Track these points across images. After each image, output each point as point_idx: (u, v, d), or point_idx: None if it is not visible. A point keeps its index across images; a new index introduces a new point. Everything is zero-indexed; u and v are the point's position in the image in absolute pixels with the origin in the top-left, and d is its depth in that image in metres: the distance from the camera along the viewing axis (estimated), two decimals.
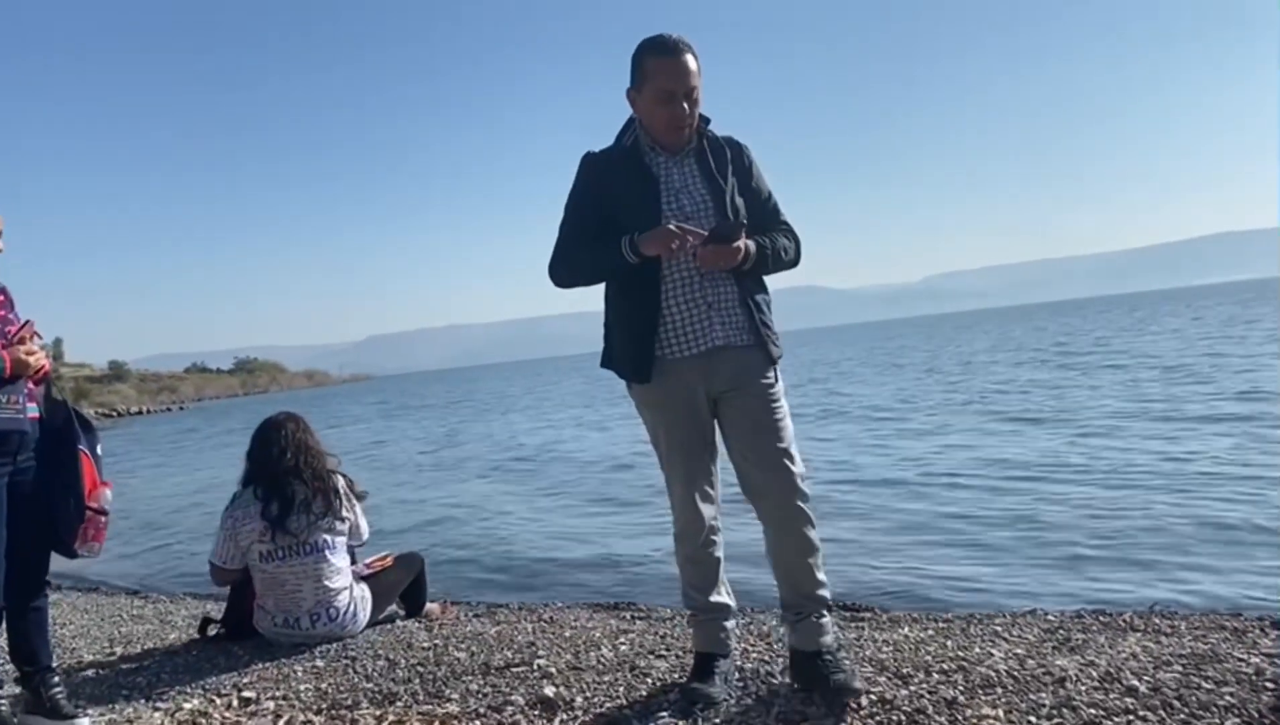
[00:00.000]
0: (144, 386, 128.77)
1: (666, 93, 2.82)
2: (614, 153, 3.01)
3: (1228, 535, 5.85)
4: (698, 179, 2.96)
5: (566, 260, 3.00)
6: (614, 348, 3.04)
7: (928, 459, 10.45)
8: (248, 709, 3.46)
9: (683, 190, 2.94)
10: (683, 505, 2.98)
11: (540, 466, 14.03)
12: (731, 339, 2.91)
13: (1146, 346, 26.61)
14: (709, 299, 2.90)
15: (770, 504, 2.93)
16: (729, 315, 2.92)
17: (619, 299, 3.00)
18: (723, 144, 3.02)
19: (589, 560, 7.16)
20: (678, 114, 2.85)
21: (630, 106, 2.97)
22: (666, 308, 2.90)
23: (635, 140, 2.99)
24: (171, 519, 12.29)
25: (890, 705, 2.83)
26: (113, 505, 3.49)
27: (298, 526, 4.17)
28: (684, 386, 2.91)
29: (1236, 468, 7.94)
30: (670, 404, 2.94)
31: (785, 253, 3.01)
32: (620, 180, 2.94)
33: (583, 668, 3.56)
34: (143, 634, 4.97)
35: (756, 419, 2.92)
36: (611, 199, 2.93)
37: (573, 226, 3.00)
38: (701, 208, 2.92)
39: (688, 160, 2.98)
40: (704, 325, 2.89)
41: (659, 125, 2.90)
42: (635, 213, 2.88)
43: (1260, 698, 2.66)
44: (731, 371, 2.91)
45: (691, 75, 2.83)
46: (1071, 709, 2.69)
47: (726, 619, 3.10)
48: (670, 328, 2.90)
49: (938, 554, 6.13)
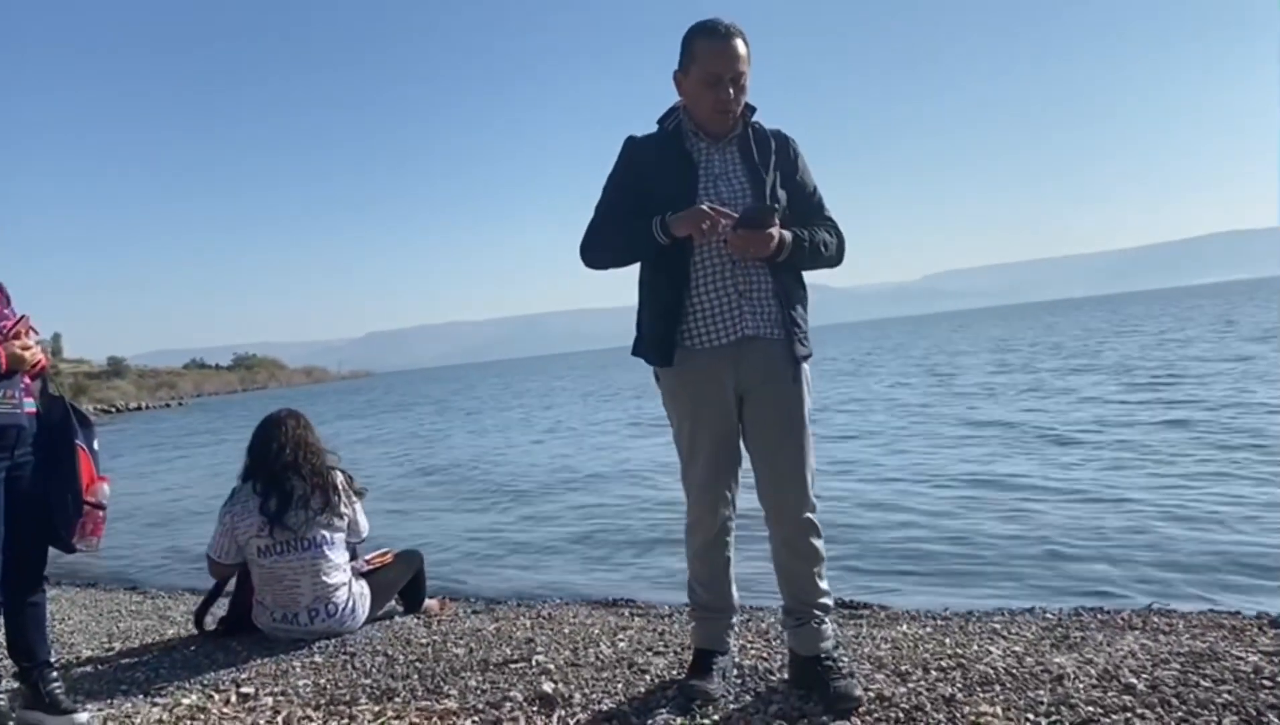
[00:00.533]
0: (143, 383, 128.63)
1: (713, 77, 2.76)
2: (656, 137, 2.96)
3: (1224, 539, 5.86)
4: (738, 167, 2.90)
5: (598, 239, 2.95)
6: (643, 334, 2.99)
7: (921, 458, 10.45)
8: (246, 704, 3.47)
9: (721, 177, 2.88)
10: (698, 500, 2.96)
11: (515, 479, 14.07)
12: (762, 330, 2.85)
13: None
14: (740, 287, 2.84)
15: (780, 510, 2.91)
16: (760, 306, 2.85)
17: (649, 284, 2.94)
18: (768, 135, 2.95)
19: (588, 556, 7.16)
20: (723, 99, 2.79)
21: (676, 90, 2.91)
22: (695, 294, 2.85)
23: (678, 125, 2.93)
24: (170, 514, 12.28)
25: (889, 702, 2.83)
26: (111, 500, 3.49)
27: (296, 522, 4.18)
28: (711, 378, 2.85)
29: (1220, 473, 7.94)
30: (696, 395, 2.89)
31: (825, 248, 2.93)
32: (659, 164, 2.89)
33: (581, 664, 3.57)
34: (141, 629, 4.97)
35: (778, 421, 2.88)
36: (649, 183, 2.87)
37: (608, 207, 2.95)
38: (739, 195, 2.85)
39: (730, 148, 2.92)
40: (734, 314, 2.83)
41: (704, 110, 2.84)
42: (672, 197, 2.81)
43: (1258, 695, 2.66)
44: (760, 366, 2.85)
45: (740, 60, 2.77)
46: (1069, 706, 2.69)
47: (728, 617, 3.09)
48: (699, 315, 2.85)
49: (935, 552, 6.13)
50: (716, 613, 3.06)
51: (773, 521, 2.95)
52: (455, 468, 14.70)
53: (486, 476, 13.13)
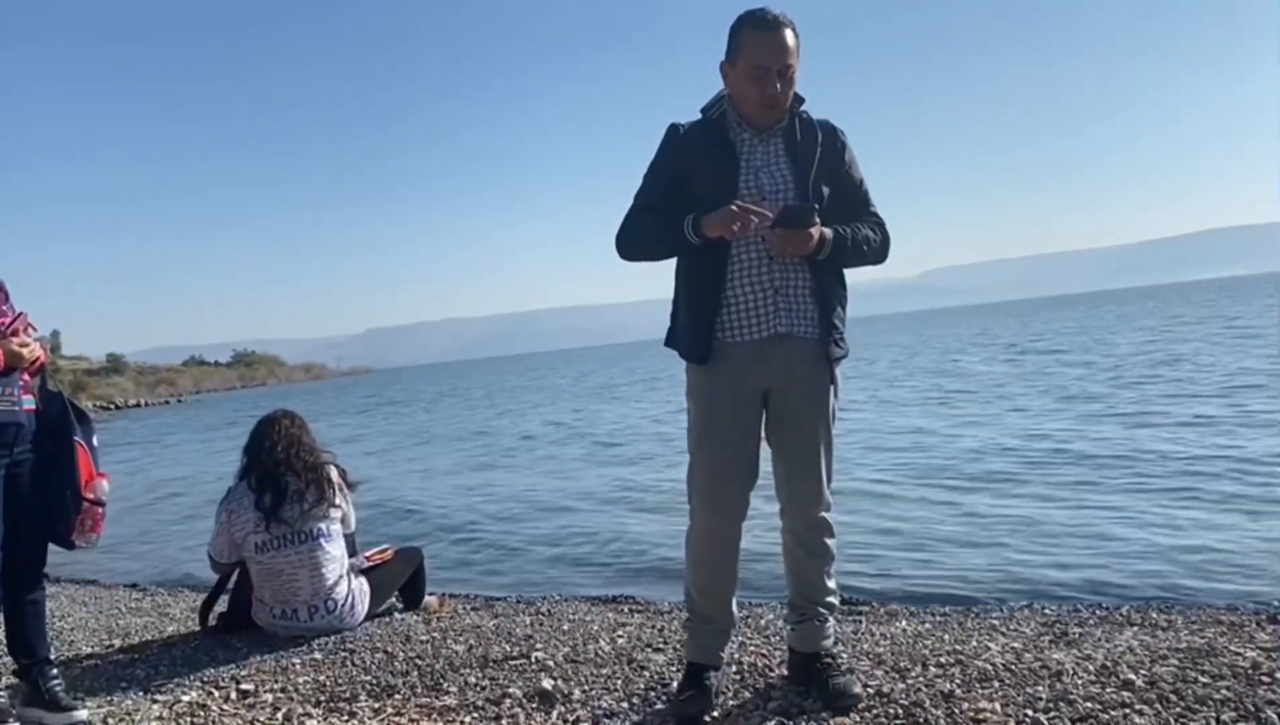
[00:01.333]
0: (141, 379, 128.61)
1: (760, 69, 2.68)
2: (699, 126, 2.88)
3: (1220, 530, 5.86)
4: (782, 158, 2.82)
5: (632, 231, 2.88)
6: (677, 326, 2.92)
7: (915, 451, 10.46)
8: (246, 701, 3.47)
9: (763, 168, 2.80)
10: (701, 499, 2.85)
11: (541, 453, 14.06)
12: (796, 328, 2.77)
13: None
14: (776, 284, 2.76)
15: (796, 505, 2.87)
16: (797, 303, 2.78)
17: (686, 278, 2.87)
18: (815, 126, 2.85)
19: (586, 552, 7.17)
20: (770, 92, 2.70)
21: (722, 80, 2.83)
22: (731, 289, 2.78)
23: (722, 114, 2.85)
24: (169, 511, 12.30)
25: (888, 699, 2.84)
26: (110, 497, 3.49)
27: (291, 516, 4.20)
28: (738, 375, 2.78)
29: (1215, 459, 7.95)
30: (719, 391, 2.80)
31: (868, 245, 2.85)
32: (701, 154, 2.81)
33: (580, 660, 3.57)
34: (141, 626, 4.97)
35: (802, 417, 2.82)
36: (690, 172, 2.80)
37: (645, 198, 2.88)
38: (781, 187, 2.78)
39: (774, 139, 2.83)
40: (768, 310, 2.76)
41: (750, 102, 2.75)
42: (711, 188, 2.75)
43: (1256, 691, 2.67)
44: (790, 363, 2.78)
45: (788, 52, 2.68)
46: (1068, 702, 2.69)
47: (726, 630, 2.97)
48: (733, 310, 2.78)
49: (936, 548, 6.13)
50: (713, 624, 2.92)
51: (788, 516, 2.91)
52: (459, 464, 14.71)
53: (490, 473, 13.13)
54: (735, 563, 2.90)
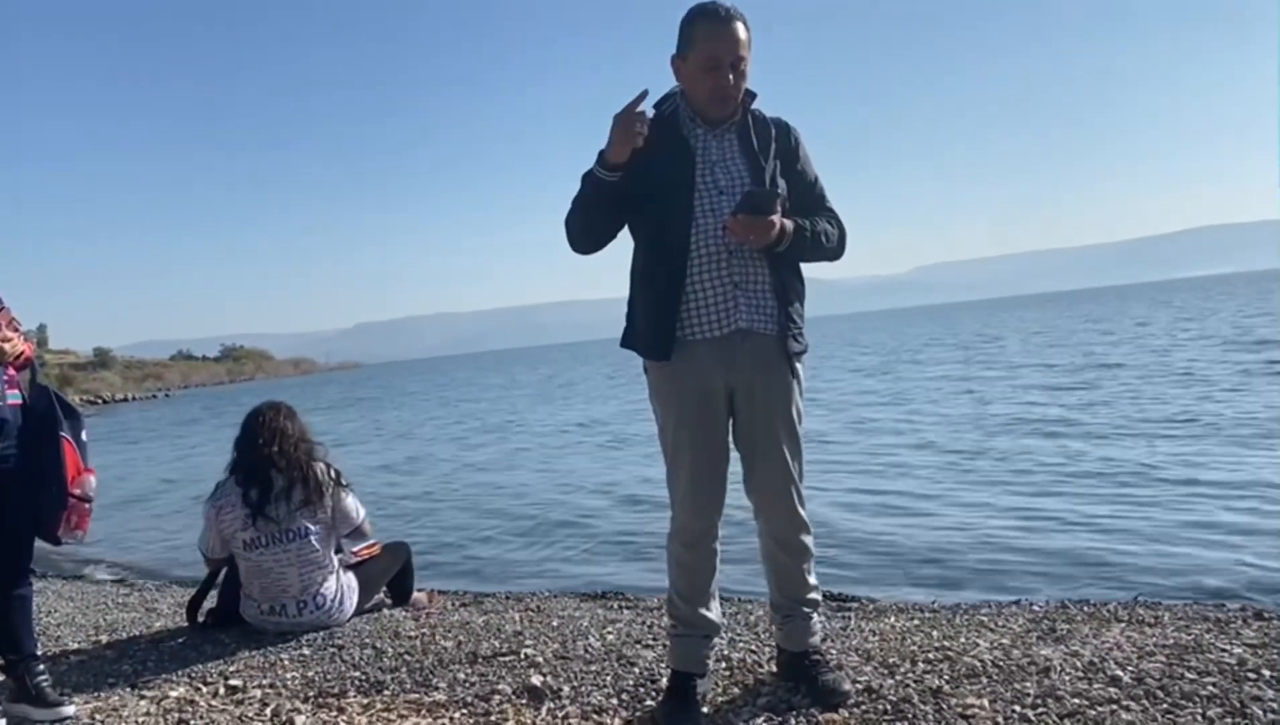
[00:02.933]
0: (129, 374, 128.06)
1: (713, 61, 2.66)
2: (651, 121, 2.79)
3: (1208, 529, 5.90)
4: (737, 153, 2.80)
5: (569, 214, 2.82)
6: (635, 325, 2.89)
7: (903, 447, 10.50)
8: (234, 697, 3.46)
9: (719, 163, 2.78)
10: (683, 503, 2.80)
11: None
12: (756, 324, 2.74)
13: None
14: (735, 278, 2.73)
15: (769, 506, 2.85)
16: (756, 298, 2.75)
17: (644, 275, 2.83)
18: (768, 122, 2.85)
19: (579, 548, 7.17)
20: (723, 84, 2.69)
21: (674, 75, 2.80)
22: (691, 285, 2.73)
23: (675, 110, 2.82)
24: (157, 506, 12.24)
25: (876, 694, 2.85)
26: (97, 492, 3.47)
27: (277, 514, 4.18)
28: (702, 373, 2.74)
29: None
30: (684, 390, 2.76)
31: (827, 239, 2.83)
32: (654, 150, 2.72)
33: (570, 657, 3.57)
34: (128, 622, 4.95)
35: (768, 416, 2.79)
36: (643, 169, 2.71)
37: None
38: (737, 182, 2.75)
39: (729, 134, 2.81)
40: (728, 306, 2.72)
41: (702, 95, 2.74)
42: (666, 184, 2.73)
43: (1242, 688, 2.68)
44: (752, 360, 2.74)
45: (741, 45, 2.67)
46: (1056, 699, 2.70)
47: (710, 636, 2.91)
48: (693, 306, 2.73)
49: (923, 544, 6.15)
50: (698, 629, 2.86)
51: (762, 518, 2.89)
52: (440, 458, 14.69)
53: (476, 469, 13.12)
54: (716, 564, 2.87)
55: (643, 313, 2.85)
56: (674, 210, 2.73)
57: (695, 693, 2.85)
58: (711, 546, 2.84)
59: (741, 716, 2.79)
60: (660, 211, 2.72)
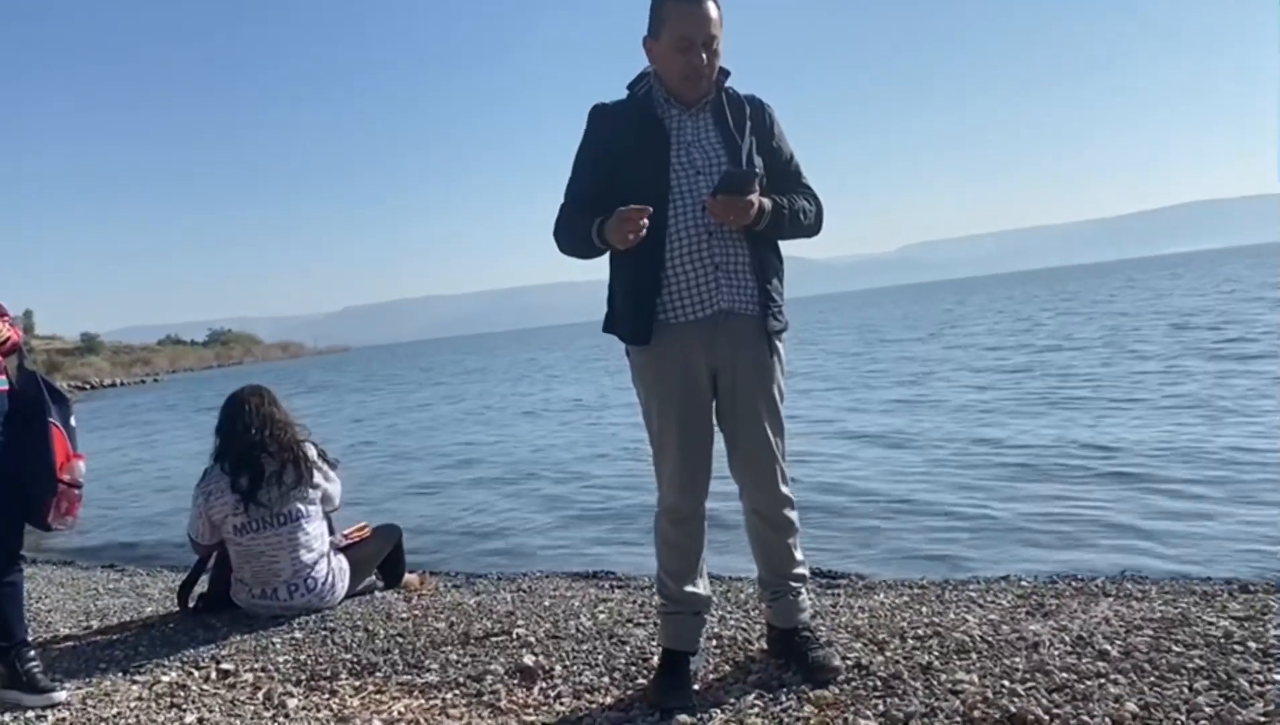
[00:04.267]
0: (117, 359, 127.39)
1: (685, 40, 2.66)
2: (624, 104, 2.85)
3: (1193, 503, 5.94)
4: (712, 133, 2.80)
5: (560, 229, 2.85)
6: (615, 309, 2.89)
7: (890, 424, 10.53)
8: (226, 681, 3.47)
9: (694, 144, 2.78)
10: (669, 484, 2.82)
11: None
12: (737, 305, 2.75)
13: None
14: (715, 260, 2.73)
15: (753, 483, 2.86)
16: (736, 279, 2.76)
17: (622, 258, 2.81)
18: (742, 101, 2.85)
19: (566, 529, 7.18)
20: (695, 63, 2.68)
21: (646, 56, 2.80)
22: (670, 267, 2.74)
23: (648, 91, 2.82)
24: (148, 491, 12.21)
25: (867, 671, 2.87)
26: (86, 478, 3.46)
27: (269, 498, 4.17)
28: (684, 355, 2.75)
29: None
30: (667, 372, 2.78)
31: (804, 216, 2.84)
32: (629, 132, 2.78)
33: (562, 636, 3.58)
34: (119, 607, 4.94)
35: (750, 394, 2.80)
36: (619, 151, 2.77)
37: (576, 185, 2.85)
38: (713, 162, 2.76)
39: (703, 114, 2.81)
40: (709, 287, 2.73)
41: (675, 75, 2.73)
42: (642, 166, 2.74)
43: (1229, 660, 2.71)
44: (734, 340, 2.76)
45: (712, 24, 2.67)
46: (1045, 673, 2.73)
47: (701, 612, 2.93)
48: (673, 289, 2.74)
49: (913, 521, 6.18)
50: (688, 606, 2.88)
51: (746, 495, 2.90)
52: (432, 442, 14.68)
53: (466, 450, 13.11)
54: (703, 541, 2.90)
55: (622, 296, 2.86)
56: (650, 193, 2.71)
57: (687, 670, 2.88)
58: (699, 524, 2.86)
59: (732, 693, 2.81)
60: (636, 195, 2.69)
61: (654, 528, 2.93)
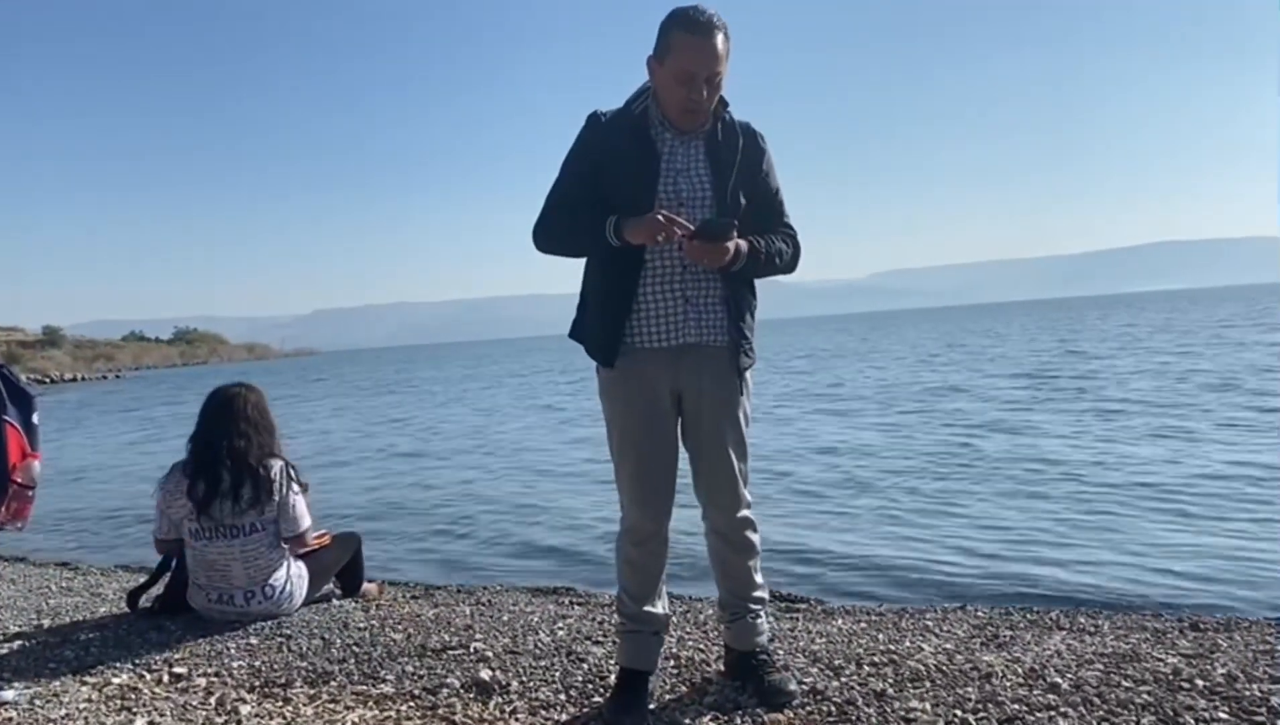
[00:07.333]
0: (79, 353, 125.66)
1: (687, 74, 2.63)
2: (621, 118, 2.81)
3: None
4: (702, 162, 2.79)
5: (549, 225, 2.82)
6: (585, 324, 2.91)
7: (850, 449, 10.60)
8: (178, 685, 3.43)
9: (683, 172, 2.77)
10: (630, 504, 2.85)
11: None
12: (705, 337, 2.79)
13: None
14: (687, 293, 2.77)
15: (716, 505, 2.88)
16: (707, 312, 2.79)
17: (597, 277, 2.85)
18: (737, 130, 2.83)
19: (528, 543, 7.16)
20: (695, 98, 2.67)
21: (648, 74, 2.77)
22: (642, 295, 2.76)
23: (645, 109, 2.80)
24: (104, 489, 12.06)
25: (821, 696, 2.88)
26: (40, 478, 3.41)
27: (220, 512, 4.08)
28: (648, 379, 2.78)
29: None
30: (631, 395, 2.81)
31: (780, 258, 2.86)
32: (621, 149, 2.76)
33: (520, 652, 3.58)
34: (71, 607, 4.88)
35: (716, 423, 2.83)
36: (609, 167, 2.75)
37: (564, 188, 2.82)
38: (699, 194, 2.76)
39: (696, 141, 2.81)
40: (678, 319, 2.76)
41: (674, 106, 2.72)
42: (629, 188, 2.73)
43: (1176, 697, 2.75)
44: (699, 371, 2.79)
45: (717, 59, 2.64)
46: (996, 704, 2.75)
47: (660, 632, 2.96)
48: (643, 316, 2.77)
49: (872, 547, 6.22)
50: (647, 625, 2.90)
51: (710, 517, 2.92)
52: (399, 451, 14.60)
53: (433, 460, 13.05)
54: (665, 562, 2.93)
55: (593, 314, 2.88)
56: (633, 216, 2.70)
57: (644, 690, 2.89)
58: (661, 544, 2.88)
59: (688, 715, 2.82)
60: (620, 213, 2.69)
61: (616, 547, 2.96)
